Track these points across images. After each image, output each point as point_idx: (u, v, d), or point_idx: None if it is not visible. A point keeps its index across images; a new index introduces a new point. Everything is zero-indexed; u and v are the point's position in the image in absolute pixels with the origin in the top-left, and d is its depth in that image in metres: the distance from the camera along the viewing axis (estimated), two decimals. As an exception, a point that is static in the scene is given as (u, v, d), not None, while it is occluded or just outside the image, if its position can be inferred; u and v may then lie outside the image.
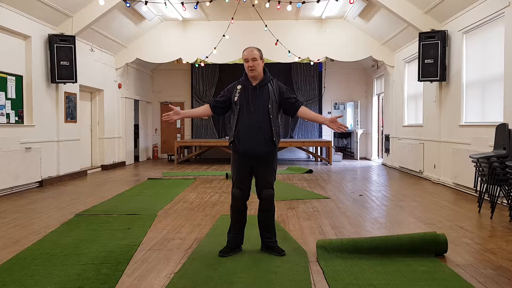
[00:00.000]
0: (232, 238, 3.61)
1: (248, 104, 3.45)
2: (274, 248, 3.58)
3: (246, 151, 3.44)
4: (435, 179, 8.21)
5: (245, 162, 3.49)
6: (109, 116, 11.13)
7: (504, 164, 4.80)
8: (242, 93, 3.50)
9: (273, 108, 3.47)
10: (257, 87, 3.50)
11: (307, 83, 14.43)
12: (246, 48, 3.52)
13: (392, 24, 9.58)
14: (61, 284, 2.93)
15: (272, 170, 3.54)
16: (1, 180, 6.71)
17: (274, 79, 3.61)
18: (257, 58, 3.47)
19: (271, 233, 3.61)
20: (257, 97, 3.47)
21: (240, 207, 3.57)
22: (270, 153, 3.50)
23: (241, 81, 3.59)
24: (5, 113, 7.19)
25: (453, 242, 3.87)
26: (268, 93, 3.49)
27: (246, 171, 3.51)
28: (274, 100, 3.48)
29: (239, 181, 3.53)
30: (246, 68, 3.50)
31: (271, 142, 3.45)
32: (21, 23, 7.48)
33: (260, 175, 3.51)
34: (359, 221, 4.93)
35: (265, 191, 3.50)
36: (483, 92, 6.86)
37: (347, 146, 16.65)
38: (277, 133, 3.47)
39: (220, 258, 3.48)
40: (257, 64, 3.47)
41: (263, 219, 3.60)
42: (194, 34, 11.54)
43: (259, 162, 3.48)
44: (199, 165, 12.27)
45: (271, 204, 3.55)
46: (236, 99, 3.51)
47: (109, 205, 5.89)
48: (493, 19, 6.38)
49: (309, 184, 8.12)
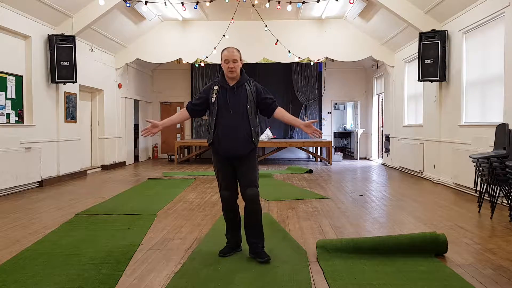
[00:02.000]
0: (231, 238, 3.59)
1: (227, 104, 3.41)
2: (258, 254, 3.42)
3: (226, 152, 3.41)
4: (435, 179, 8.21)
5: (226, 163, 3.46)
6: (109, 116, 11.12)
7: (504, 164, 4.80)
8: (220, 93, 3.45)
9: (251, 108, 3.45)
10: (234, 87, 3.46)
11: (307, 83, 14.43)
12: (227, 48, 3.46)
13: (392, 24, 9.58)
14: (61, 284, 2.93)
15: (254, 167, 3.48)
16: (1, 180, 6.71)
17: (250, 79, 3.57)
18: (237, 60, 3.42)
19: (259, 238, 3.48)
20: (235, 97, 3.43)
21: (231, 207, 3.53)
22: (250, 152, 3.45)
23: (217, 81, 3.53)
24: (5, 113, 7.20)
25: (453, 242, 3.87)
26: (245, 93, 3.45)
27: (229, 171, 3.47)
28: (252, 100, 3.45)
29: (224, 182, 3.50)
30: (225, 68, 3.44)
31: (250, 142, 3.42)
32: (21, 23, 7.48)
33: (242, 174, 3.45)
34: (359, 221, 4.93)
35: (249, 190, 3.39)
36: (483, 92, 6.86)
37: (347, 146, 16.65)
38: (256, 133, 3.46)
39: (220, 258, 3.48)
40: (237, 66, 3.43)
41: (249, 221, 3.49)
42: (194, 34, 11.54)
43: (239, 161, 3.44)
44: (199, 165, 12.27)
45: (257, 205, 3.43)
46: (214, 100, 3.45)
47: (109, 205, 5.88)
48: (493, 19, 6.38)
49: (309, 184, 8.12)
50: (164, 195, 6.73)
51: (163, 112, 14.95)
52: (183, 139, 14.46)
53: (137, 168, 11.33)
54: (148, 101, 14.47)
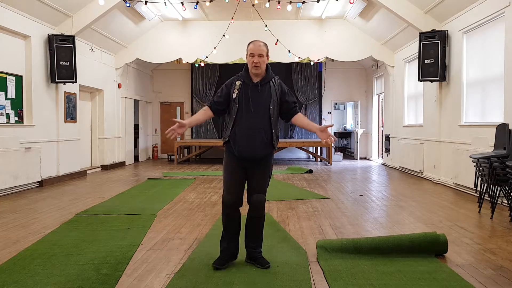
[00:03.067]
0: (226, 248, 3.28)
1: (248, 103, 3.13)
2: (257, 259, 3.26)
3: (243, 154, 3.14)
4: (435, 179, 8.21)
5: (239, 165, 3.19)
6: (109, 116, 11.12)
7: (504, 164, 4.80)
8: (242, 90, 3.16)
9: (274, 109, 3.18)
10: (258, 85, 3.17)
11: (307, 83, 14.43)
12: (253, 41, 3.19)
13: (392, 24, 9.58)
14: (61, 284, 2.92)
15: (267, 174, 3.26)
16: (1, 180, 6.71)
17: (276, 76, 3.30)
18: (263, 55, 3.15)
19: (257, 243, 3.30)
20: (258, 96, 3.16)
21: (233, 214, 3.24)
22: (267, 156, 3.22)
23: (240, 76, 3.24)
24: (5, 113, 7.19)
25: (453, 242, 3.87)
26: (270, 92, 3.18)
27: (239, 175, 3.21)
28: (275, 100, 3.19)
29: (232, 185, 3.21)
30: (249, 63, 3.16)
31: (270, 145, 3.17)
32: (21, 23, 7.47)
33: (253, 178, 3.20)
34: (359, 221, 4.92)
35: (256, 196, 3.18)
36: (483, 92, 6.85)
37: (347, 146, 16.65)
38: (276, 136, 3.21)
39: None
40: (263, 61, 3.15)
41: (251, 226, 3.27)
42: (194, 34, 11.54)
43: (254, 165, 3.19)
44: (199, 165, 12.27)
45: (261, 211, 3.23)
46: (235, 96, 3.17)
47: (109, 205, 5.88)
48: (493, 19, 6.38)
49: (309, 184, 8.12)
50: (164, 195, 6.73)
51: (163, 112, 14.95)
52: (183, 139, 14.45)
53: (137, 168, 11.32)
54: (148, 101, 14.46)
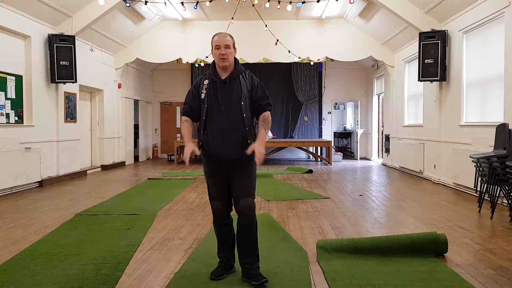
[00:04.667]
0: (224, 258, 3.10)
1: (217, 101, 2.91)
2: (253, 276, 2.90)
3: (217, 157, 2.93)
4: (435, 179, 8.21)
5: (218, 168, 2.98)
6: (109, 116, 11.12)
7: (504, 164, 4.80)
8: (210, 88, 2.95)
9: (246, 104, 2.93)
10: (227, 81, 2.95)
11: (307, 83, 14.42)
12: (218, 33, 2.97)
13: (392, 24, 9.57)
14: (61, 284, 2.92)
15: (251, 175, 2.97)
16: (1, 180, 6.71)
17: (246, 70, 3.05)
18: (230, 46, 2.93)
19: (252, 258, 2.95)
20: (228, 93, 2.93)
21: (224, 220, 3.04)
22: (246, 157, 2.87)
23: (207, 74, 3.03)
24: (5, 113, 7.19)
25: (453, 242, 3.87)
26: (240, 87, 2.94)
27: (221, 178, 2.98)
28: (246, 95, 2.95)
29: (216, 191, 3.01)
30: (215, 56, 2.94)
31: (246, 145, 2.88)
32: (21, 23, 7.47)
33: (236, 182, 2.94)
34: (359, 221, 4.92)
35: (242, 201, 2.89)
36: (483, 92, 6.85)
37: (347, 146, 16.65)
38: (251, 134, 2.94)
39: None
40: (230, 53, 2.92)
41: (242, 239, 2.96)
42: (194, 34, 11.53)
43: (234, 167, 2.94)
44: (199, 165, 12.25)
45: (251, 218, 2.92)
46: (203, 96, 2.95)
47: (109, 205, 5.88)
48: (493, 19, 6.38)
49: (309, 184, 8.12)
50: (164, 195, 6.73)
51: (163, 112, 14.95)
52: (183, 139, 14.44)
53: (137, 168, 11.32)
54: (148, 101, 14.46)
